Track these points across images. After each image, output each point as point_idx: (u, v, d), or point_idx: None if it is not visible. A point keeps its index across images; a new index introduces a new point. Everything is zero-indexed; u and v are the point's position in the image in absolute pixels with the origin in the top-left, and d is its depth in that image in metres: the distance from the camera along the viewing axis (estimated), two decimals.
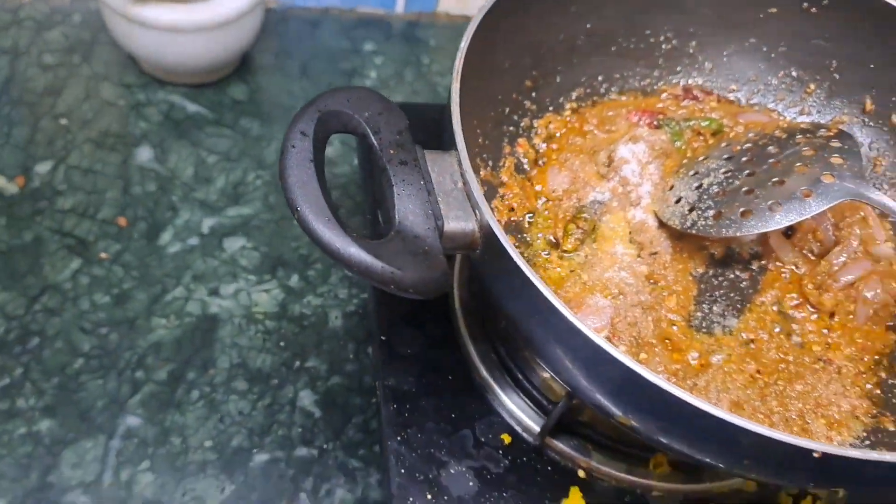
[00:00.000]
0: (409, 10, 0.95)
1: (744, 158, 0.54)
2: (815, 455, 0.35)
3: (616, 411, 0.41)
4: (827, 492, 0.54)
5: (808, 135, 0.53)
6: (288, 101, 0.83)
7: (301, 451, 0.61)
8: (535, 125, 0.60)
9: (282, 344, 0.66)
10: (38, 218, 0.69)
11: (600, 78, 0.63)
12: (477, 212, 0.41)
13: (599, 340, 0.36)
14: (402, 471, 0.49)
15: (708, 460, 0.40)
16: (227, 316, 0.67)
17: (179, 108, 0.80)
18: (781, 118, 0.64)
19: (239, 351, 0.65)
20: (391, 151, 0.41)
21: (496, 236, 0.39)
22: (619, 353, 0.35)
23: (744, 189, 0.51)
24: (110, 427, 0.60)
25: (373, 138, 0.42)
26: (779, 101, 0.65)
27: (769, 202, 0.50)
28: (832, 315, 0.53)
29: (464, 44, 0.47)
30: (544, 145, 0.59)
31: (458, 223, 0.41)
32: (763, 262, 0.56)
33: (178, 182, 0.74)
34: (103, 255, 0.68)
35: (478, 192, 0.40)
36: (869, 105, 0.62)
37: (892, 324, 0.54)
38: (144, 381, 0.62)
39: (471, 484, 0.49)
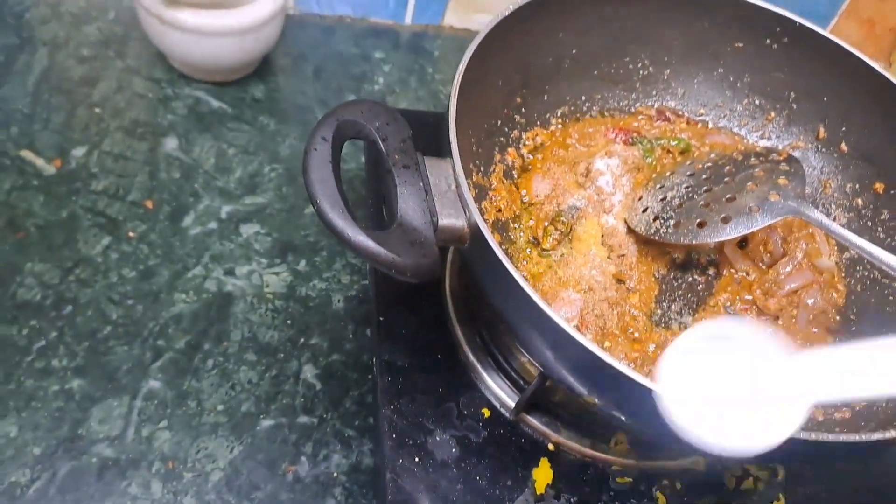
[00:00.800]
0: (417, 21, 1.00)
1: (704, 176, 0.59)
2: None
3: (580, 388, 0.46)
4: (768, 475, 0.59)
5: (760, 158, 0.59)
6: (302, 102, 0.89)
7: (303, 419, 0.66)
8: (524, 137, 0.65)
9: (289, 322, 0.72)
10: (74, 197, 0.74)
11: (583, 98, 0.68)
12: (467, 211, 0.46)
13: (564, 324, 0.41)
14: (394, 435, 0.54)
15: (654, 433, 0.46)
16: (241, 294, 0.72)
17: (204, 103, 0.85)
18: (744, 141, 0.70)
19: (250, 326, 0.71)
20: (396, 156, 0.47)
21: (482, 233, 0.44)
22: (580, 336, 0.41)
23: (701, 203, 0.57)
24: (134, 388, 0.65)
25: (381, 145, 0.47)
26: (742, 125, 0.70)
27: (722, 215, 0.55)
28: (777, 318, 0.59)
29: (461, 66, 0.52)
30: (531, 155, 0.64)
31: (450, 220, 0.46)
32: (718, 268, 0.61)
33: (201, 171, 0.80)
34: (131, 233, 0.73)
35: (468, 195, 0.46)
36: (822, 133, 0.67)
37: (830, 328, 0.60)
38: (165, 349, 0.68)
39: (454, 450, 0.55)
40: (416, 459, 0.53)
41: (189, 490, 0.61)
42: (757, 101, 0.70)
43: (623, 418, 0.46)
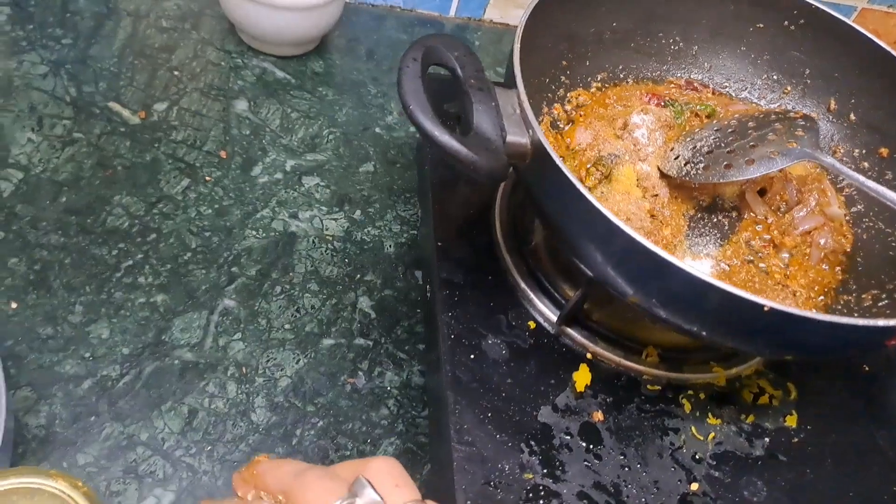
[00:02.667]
0: (460, 14, 1.08)
1: (730, 130, 0.66)
2: (766, 309, 0.47)
3: (624, 288, 0.53)
4: (781, 394, 0.65)
5: (780, 116, 0.66)
6: (356, 77, 0.96)
7: (359, 341, 0.73)
8: (568, 95, 0.72)
9: (346, 260, 0.78)
10: (156, 144, 0.81)
11: (620, 67, 0.75)
12: (530, 130, 0.53)
13: (614, 218, 0.48)
14: (452, 336, 0.60)
15: (692, 328, 0.52)
16: (304, 234, 0.79)
17: (270, 73, 0.93)
18: None
19: (312, 261, 0.77)
20: (472, 81, 0.54)
21: (544, 146, 0.51)
22: (628, 228, 0.47)
23: (727, 150, 0.64)
24: (211, 305, 0.71)
25: (459, 70, 0.54)
26: (762, 98, 0.77)
27: (746, 158, 0.62)
28: (791, 254, 0.65)
29: (523, 18, 0.59)
30: (574, 111, 0.71)
31: (515, 137, 0.53)
32: (740, 212, 0.68)
33: (268, 130, 0.87)
34: (207, 178, 0.80)
35: (531, 116, 0.52)
36: (833, 105, 0.74)
37: (838, 267, 0.66)
38: (238, 274, 0.74)
39: (504, 352, 0.61)
40: (472, 356, 0.60)
41: (260, 392, 0.67)
42: (775, 77, 0.77)
43: (660, 313, 0.52)
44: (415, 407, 0.69)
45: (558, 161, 0.50)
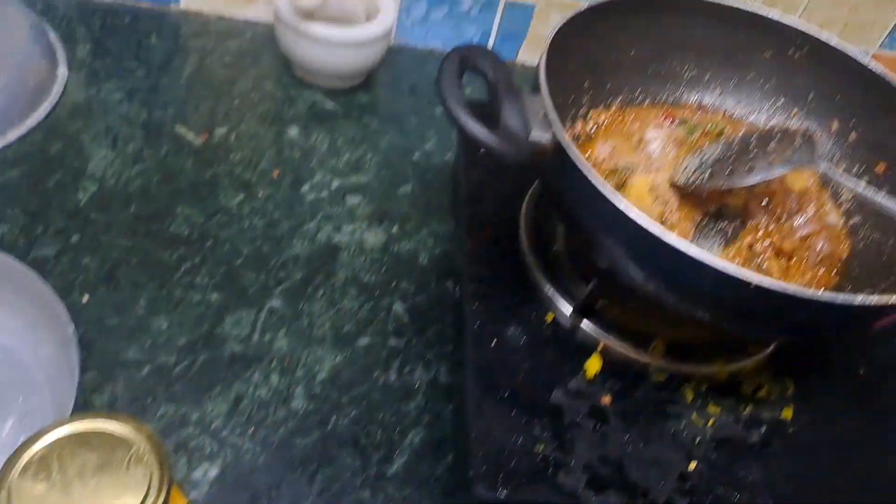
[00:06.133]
0: None
1: (734, 143, 0.71)
2: (752, 287, 0.51)
3: (637, 274, 0.57)
4: (779, 388, 0.68)
5: (780, 131, 0.70)
6: (399, 110, 1.03)
7: (393, 341, 0.77)
8: (590, 114, 0.77)
9: (383, 269, 0.83)
10: (216, 163, 0.88)
11: (638, 90, 0.81)
12: (552, 130, 0.58)
13: (631, 211, 0.53)
14: (477, 323, 0.65)
15: (689, 308, 0.56)
16: (346, 246, 0.84)
17: (320, 103, 1.00)
18: None
19: (353, 270, 0.82)
20: (502, 84, 0.60)
21: (562, 143, 0.56)
22: (642, 215, 0.52)
23: (731, 159, 0.68)
24: (259, 304, 0.77)
25: (491, 74, 0.60)
26: (769, 120, 0.82)
27: (746, 167, 0.66)
28: (790, 257, 0.69)
29: (547, 40, 0.65)
30: (595, 127, 0.77)
31: (538, 133, 0.58)
32: (744, 220, 0.72)
33: (316, 153, 0.93)
34: (261, 193, 0.87)
35: (553, 116, 0.58)
36: (834, 126, 0.78)
37: (834, 271, 0.70)
38: (285, 278, 0.80)
39: (523, 340, 0.65)
40: (494, 341, 0.64)
41: (300, 383, 0.72)
42: (781, 101, 0.81)
43: (668, 298, 0.56)
44: (441, 402, 0.73)
45: (575, 153, 0.55)
